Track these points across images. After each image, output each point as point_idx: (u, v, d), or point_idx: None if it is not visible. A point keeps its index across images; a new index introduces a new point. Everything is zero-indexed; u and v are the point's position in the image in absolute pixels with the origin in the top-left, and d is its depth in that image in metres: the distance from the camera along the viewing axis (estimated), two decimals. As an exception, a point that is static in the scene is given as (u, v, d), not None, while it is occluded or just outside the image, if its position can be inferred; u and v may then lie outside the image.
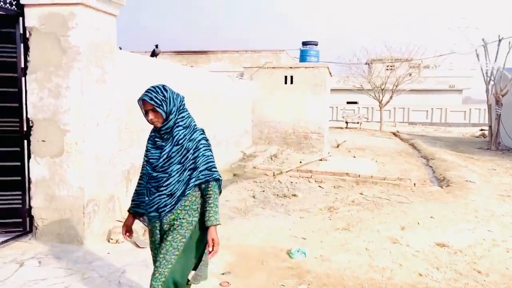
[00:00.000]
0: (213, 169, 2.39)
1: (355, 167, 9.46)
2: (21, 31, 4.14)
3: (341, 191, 7.31)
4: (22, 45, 4.16)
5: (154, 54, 7.34)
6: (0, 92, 4.13)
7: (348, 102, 34.72)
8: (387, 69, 26.57)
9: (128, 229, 2.62)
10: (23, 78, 4.18)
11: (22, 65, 4.18)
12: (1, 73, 4.12)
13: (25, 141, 4.23)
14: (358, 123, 24.65)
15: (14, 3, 4.03)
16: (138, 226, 3.87)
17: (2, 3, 3.89)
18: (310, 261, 4.20)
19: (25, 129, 4.21)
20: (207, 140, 2.44)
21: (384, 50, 26.34)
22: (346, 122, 24.71)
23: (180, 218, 2.36)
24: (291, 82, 11.61)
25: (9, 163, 4.21)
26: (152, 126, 2.46)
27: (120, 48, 5.61)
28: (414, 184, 7.99)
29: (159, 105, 2.30)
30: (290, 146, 11.76)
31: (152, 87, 2.35)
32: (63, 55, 4.09)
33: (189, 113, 2.46)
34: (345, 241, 4.81)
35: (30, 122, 4.19)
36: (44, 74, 4.13)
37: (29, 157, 4.24)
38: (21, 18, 4.12)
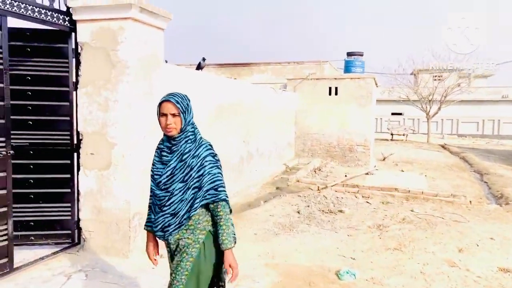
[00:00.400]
0: (220, 189, 2.21)
1: (404, 182, 9.04)
2: (73, 46, 4.24)
3: (390, 208, 6.96)
4: (74, 60, 4.26)
5: (199, 67, 7.37)
6: (52, 106, 4.24)
7: (392, 113, 33.73)
8: (434, 79, 25.64)
9: (153, 250, 2.46)
10: (74, 92, 4.27)
11: (74, 79, 4.28)
12: (53, 87, 4.23)
13: (75, 154, 4.30)
14: (404, 135, 23.85)
15: (67, 19, 4.13)
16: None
17: (55, 19, 4.00)
18: (360, 283, 3.96)
19: (75, 142, 4.28)
20: (214, 156, 2.26)
21: (432, 59, 25.36)
22: (391, 134, 23.96)
23: (185, 238, 2.23)
24: (336, 94, 11.37)
25: (59, 175, 4.29)
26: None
27: (166, 62, 5.67)
28: (470, 201, 7.49)
29: (184, 111, 2.18)
30: (334, 159, 11.47)
31: (176, 92, 2.23)
32: (112, 69, 4.14)
33: (196, 127, 2.31)
34: (397, 262, 4.52)
35: (80, 135, 4.26)
36: (94, 88, 4.20)
37: (78, 169, 4.30)
38: (73, 34, 4.22)
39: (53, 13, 3.97)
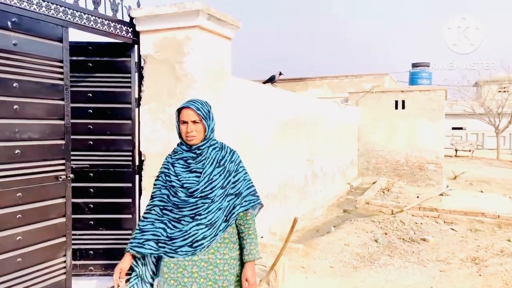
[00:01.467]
0: (256, 194, 2.10)
1: (488, 205, 8.01)
2: (136, 60, 3.90)
3: (481, 236, 6.05)
4: (136, 74, 3.92)
5: (272, 80, 6.86)
6: (114, 124, 3.91)
7: (453, 128, 31.75)
8: (499, 91, 23.81)
9: (123, 272, 2.04)
10: (136, 109, 3.91)
11: (136, 96, 3.93)
12: (115, 104, 3.90)
13: (137, 176, 3.93)
14: (469, 150, 22.17)
15: (130, 30, 3.81)
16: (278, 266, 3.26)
17: (119, 30, 3.68)
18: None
19: (137, 163, 3.91)
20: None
21: (500, 69, 23.57)
22: (456, 150, 22.35)
23: (221, 253, 1.98)
24: (403, 107, 10.52)
25: (120, 200, 3.92)
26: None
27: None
28: None
29: (205, 117, 2.02)
30: (402, 178, 10.56)
31: (195, 99, 2.09)
32: (178, 83, 3.75)
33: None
34: (512, 309, 3.71)
35: (142, 155, 3.89)
36: (157, 104, 3.83)
37: (140, 193, 3.92)
38: (136, 46, 3.89)
39: (116, 24, 3.65)
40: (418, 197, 8.98)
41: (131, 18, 3.81)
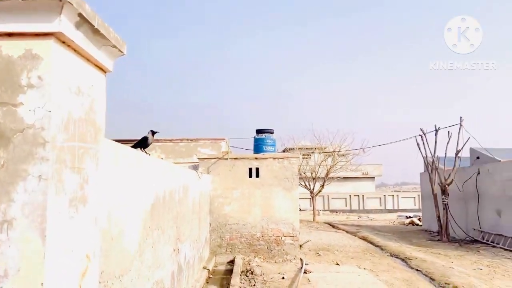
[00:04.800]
0: None
1: (357, 284, 7.52)
2: None
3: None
4: None
5: (144, 143, 4.74)
6: None
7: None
8: (304, 158, 26.36)
9: None
10: None
11: None
12: None
13: None
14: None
15: None
16: None
17: None
18: None
19: None
20: None
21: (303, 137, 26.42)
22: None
23: None
24: (257, 176, 9.69)
25: None
26: None
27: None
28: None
29: None
30: (259, 254, 9.47)
31: None
32: (4, 150, 1.74)
33: None
34: None
35: None
36: None
37: None
38: None
39: None
40: (283, 278, 7.97)
41: None
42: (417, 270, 9.82)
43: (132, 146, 4.39)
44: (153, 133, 5.11)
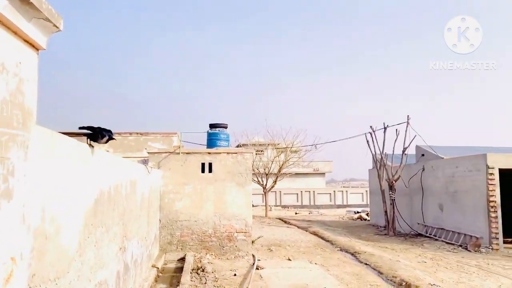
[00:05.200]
0: None
1: (311, 279, 7.53)
2: None
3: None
4: None
5: (92, 133, 4.35)
6: None
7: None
8: (257, 154, 26.43)
9: None
10: None
11: None
12: None
13: None
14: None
15: None
16: None
17: None
18: None
19: None
20: None
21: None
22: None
23: None
24: (210, 171, 9.47)
25: None
26: None
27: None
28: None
29: None
30: (210, 251, 9.26)
31: None
32: None
33: None
34: None
35: None
36: None
37: None
38: None
39: None
40: (235, 274, 7.83)
41: None
42: (366, 264, 10.05)
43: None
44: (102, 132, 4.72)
